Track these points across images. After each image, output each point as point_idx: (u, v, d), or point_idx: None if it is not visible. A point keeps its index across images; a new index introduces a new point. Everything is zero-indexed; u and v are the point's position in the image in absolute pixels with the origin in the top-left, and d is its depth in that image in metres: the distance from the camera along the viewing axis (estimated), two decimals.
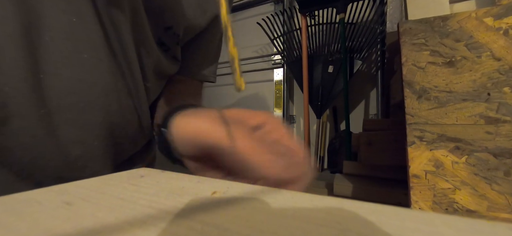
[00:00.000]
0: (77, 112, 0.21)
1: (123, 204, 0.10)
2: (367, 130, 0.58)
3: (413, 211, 0.08)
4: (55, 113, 0.20)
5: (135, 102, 0.27)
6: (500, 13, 0.33)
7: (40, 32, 0.19)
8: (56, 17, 0.19)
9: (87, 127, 0.22)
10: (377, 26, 0.93)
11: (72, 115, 0.21)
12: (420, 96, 0.36)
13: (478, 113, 0.33)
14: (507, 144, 0.31)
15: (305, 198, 0.10)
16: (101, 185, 0.12)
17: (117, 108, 0.24)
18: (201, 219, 0.08)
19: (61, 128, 0.21)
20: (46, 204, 0.10)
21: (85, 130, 0.22)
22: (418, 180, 0.35)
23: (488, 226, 0.07)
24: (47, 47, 0.19)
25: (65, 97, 0.20)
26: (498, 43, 0.33)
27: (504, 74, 0.32)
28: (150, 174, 0.14)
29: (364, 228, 0.07)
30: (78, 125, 0.21)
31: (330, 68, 1.02)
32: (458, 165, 0.33)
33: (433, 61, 0.36)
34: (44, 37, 0.19)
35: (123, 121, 0.25)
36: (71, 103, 0.21)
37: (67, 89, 0.20)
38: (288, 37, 1.12)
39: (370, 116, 1.12)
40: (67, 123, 0.21)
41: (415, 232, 0.07)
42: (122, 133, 0.26)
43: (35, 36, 0.19)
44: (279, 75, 1.29)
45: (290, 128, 0.18)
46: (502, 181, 0.31)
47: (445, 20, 0.36)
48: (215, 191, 0.11)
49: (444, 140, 0.34)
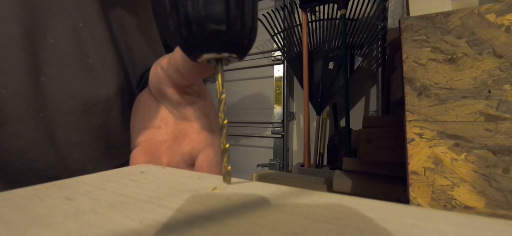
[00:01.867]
0: (77, 116, 0.21)
1: (123, 200, 0.10)
2: (367, 127, 0.58)
3: (412, 208, 0.08)
4: (55, 117, 0.20)
5: None
6: (503, 9, 0.33)
7: (44, 34, 0.19)
8: (62, 20, 0.19)
9: (86, 130, 0.22)
10: (378, 22, 0.93)
11: (72, 119, 0.21)
12: (421, 93, 0.36)
13: (478, 111, 0.33)
14: (506, 142, 0.31)
15: (305, 194, 0.10)
16: (102, 181, 0.12)
17: (118, 113, 0.24)
18: (201, 215, 0.08)
19: (59, 131, 0.20)
20: (47, 199, 0.10)
21: (84, 133, 0.22)
22: (417, 177, 0.35)
23: (486, 222, 0.07)
24: (51, 50, 0.19)
25: (66, 100, 0.20)
26: (500, 40, 0.33)
27: (505, 71, 0.32)
28: (151, 170, 0.15)
29: (363, 224, 0.07)
30: (77, 128, 0.21)
31: (330, 65, 1.02)
32: (457, 162, 0.33)
33: (434, 58, 0.36)
34: (48, 39, 0.19)
35: (123, 125, 0.25)
36: (72, 106, 0.20)
37: (69, 93, 0.20)
38: (288, 33, 1.11)
39: (370, 113, 1.12)
40: (66, 126, 0.20)
41: (414, 228, 0.07)
42: (121, 137, 0.26)
43: (39, 38, 0.18)
44: (279, 71, 1.28)
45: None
46: (501, 178, 0.31)
47: (447, 16, 0.36)
48: (215, 187, 0.11)
49: (444, 137, 0.34)
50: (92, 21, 0.21)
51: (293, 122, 1.32)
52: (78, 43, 0.20)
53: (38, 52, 0.19)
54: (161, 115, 0.20)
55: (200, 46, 0.11)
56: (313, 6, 1.00)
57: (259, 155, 1.38)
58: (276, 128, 1.29)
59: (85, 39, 0.21)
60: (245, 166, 1.43)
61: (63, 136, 0.21)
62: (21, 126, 0.18)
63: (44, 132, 0.20)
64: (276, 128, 1.29)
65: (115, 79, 0.23)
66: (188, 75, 0.17)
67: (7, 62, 0.17)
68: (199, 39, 0.10)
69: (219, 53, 0.11)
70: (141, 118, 0.20)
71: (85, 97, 0.21)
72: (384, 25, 0.90)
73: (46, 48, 0.19)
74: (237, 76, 1.44)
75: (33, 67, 0.18)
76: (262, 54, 1.34)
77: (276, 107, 1.28)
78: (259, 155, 1.39)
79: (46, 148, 0.20)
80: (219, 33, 0.10)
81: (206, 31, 0.10)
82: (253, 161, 1.39)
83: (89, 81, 0.21)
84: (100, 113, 0.22)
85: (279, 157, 1.28)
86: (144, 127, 0.20)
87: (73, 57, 0.20)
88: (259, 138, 1.38)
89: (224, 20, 0.10)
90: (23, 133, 0.19)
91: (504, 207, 0.31)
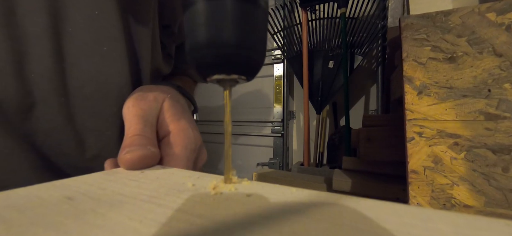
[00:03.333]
0: (94, 102, 0.22)
1: (123, 199, 0.10)
2: (367, 126, 0.58)
3: (411, 207, 0.08)
4: (74, 101, 0.21)
5: None
6: (503, 8, 0.33)
7: (63, 23, 0.20)
8: (79, 9, 0.20)
9: (102, 116, 0.23)
10: (379, 21, 0.92)
11: (89, 104, 0.22)
12: (420, 92, 0.36)
13: (478, 109, 0.33)
14: (506, 141, 0.31)
15: (305, 193, 0.10)
16: (102, 180, 0.12)
17: None
18: (200, 214, 0.08)
19: (77, 116, 0.22)
20: (47, 199, 0.10)
21: (99, 119, 0.23)
22: (417, 176, 0.35)
23: (485, 222, 0.07)
24: (70, 38, 0.20)
25: (84, 86, 0.21)
26: (500, 39, 0.33)
27: (505, 70, 0.32)
28: (151, 170, 0.15)
29: (362, 223, 0.07)
30: (94, 113, 0.22)
31: (330, 64, 1.02)
32: (457, 161, 0.33)
33: (434, 57, 0.36)
34: (67, 28, 0.20)
35: None
36: (89, 92, 0.22)
37: (86, 79, 0.21)
38: (288, 32, 1.11)
39: (370, 112, 1.12)
40: (83, 112, 0.22)
41: (413, 227, 0.07)
42: None
43: (60, 26, 0.20)
44: (279, 70, 1.28)
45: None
46: (500, 177, 0.31)
47: (447, 15, 0.35)
48: (215, 187, 0.11)
49: (444, 136, 0.34)
50: (107, 11, 0.22)
51: (293, 121, 1.32)
52: (93, 32, 0.21)
53: (60, 40, 0.20)
54: None
55: (212, 68, 0.11)
56: (313, 4, 1.00)
57: (259, 154, 1.38)
58: (276, 127, 1.29)
59: (100, 28, 0.21)
60: (245, 165, 1.43)
61: (81, 120, 0.22)
62: (46, 108, 0.20)
63: (66, 116, 0.21)
64: (276, 127, 1.29)
65: (126, 68, 0.24)
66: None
67: (36, 49, 0.19)
68: (210, 61, 0.11)
69: (229, 75, 0.12)
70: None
71: (100, 84, 0.22)
72: (384, 24, 0.90)
73: (66, 36, 0.20)
74: None
75: (56, 54, 0.20)
76: None
77: (276, 106, 1.28)
78: (259, 154, 1.39)
79: (67, 132, 0.21)
80: (230, 57, 0.11)
81: (219, 54, 0.11)
82: (253, 160, 1.39)
83: (104, 68, 0.22)
84: (114, 100, 0.23)
85: (279, 156, 1.28)
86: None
87: (89, 45, 0.21)
88: (259, 137, 1.38)
89: (235, 45, 0.11)
90: (48, 116, 0.20)
91: (504, 206, 0.31)
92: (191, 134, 0.19)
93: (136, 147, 0.15)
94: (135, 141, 0.16)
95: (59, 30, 0.20)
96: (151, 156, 0.15)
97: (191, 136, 0.19)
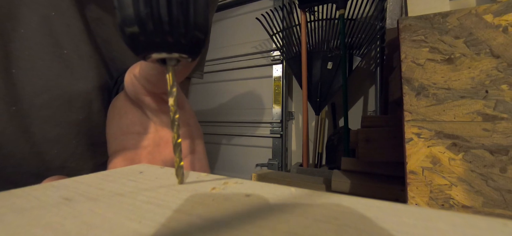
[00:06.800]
0: (54, 110, 0.20)
1: (122, 200, 0.10)
2: (366, 127, 0.58)
3: (411, 207, 0.08)
4: (28, 111, 0.19)
5: None
6: (500, 10, 0.33)
7: (14, 25, 0.18)
8: (33, 9, 0.18)
9: (65, 125, 0.21)
10: (377, 22, 0.93)
11: (48, 113, 0.20)
12: (419, 93, 0.36)
13: (475, 110, 0.33)
14: (503, 141, 0.31)
15: (304, 193, 0.10)
16: (100, 181, 0.12)
17: (99, 108, 0.23)
18: (200, 215, 0.08)
19: (35, 126, 0.19)
20: (45, 199, 0.10)
21: (62, 128, 0.21)
22: (415, 176, 0.35)
23: (485, 222, 0.07)
24: (22, 41, 0.18)
25: (41, 93, 0.19)
26: (497, 40, 0.33)
27: (503, 71, 0.32)
28: (149, 170, 0.14)
29: (361, 223, 0.07)
30: (55, 123, 0.20)
31: (329, 65, 1.02)
32: (455, 161, 0.33)
33: (432, 58, 0.36)
34: (18, 30, 0.18)
35: (105, 120, 0.25)
36: (47, 99, 0.19)
37: (44, 85, 0.19)
38: (287, 33, 1.11)
39: (368, 112, 1.12)
40: (42, 121, 0.20)
41: (412, 227, 0.07)
42: (104, 132, 0.26)
43: (9, 28, 0.18)
44: (278, 71, 1.28)
45: None
46: (498, 177, 0.31)
47: (445, 16, 0.36)
48: (214, 187, 0.11)
49: (442, 137, 0.34)
50: (65, 11, 0.20)
51: (292, 122, 1.32)
52: (51, 34, 0.19)
53: (8, 43, 0.18)
54: (140, 120, 0.19)
55: (147, 46, 0.10)
56: (312, 6, 1.01)
57: (258, 155, 1.38)
58: (275, 128, 1.29)
59: (59, 29, 0.20)
60: (243, 166, 1.43)
61: (39, 131, 0.20)
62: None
63: (18, 127, 0.19)
64: (275, 128, 1.29)
65: (93, 72, 0.22)
66: (159, 83, 0.16)
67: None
68: (142, 39, 0.10)
69: (170, 53, 0.11)
70: (118, 123, 0.19)
71: (61, 90, 0.20)
72: (383, 25, 0.90)
73: (17, 39, 0.18)
74: (236, 75, 1.44)
75: (3, 58, 0.17)
76: (261, 54, 1.34)
77: (275, 107, 1.28)
78: (258, 154, 1.39)
79: (21, 144, 0.19)
80: (163, 33, 0.10)
81: (147, 31, 0.10)
82: (252, 160, 1.39)
83: (65, 73, 0.20)
84: (79, 107, 0.21)
85: (278, 157, 1.28)
86: (122, 133, 0.19)
87: (46, 48, 0.19)
88: (258, 137, 1.38)
89: (167, 20, 0.10)
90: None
91: (501, 207, 0.31)
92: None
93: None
94: None
95: (8, 31, 0.18)
96: None
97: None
